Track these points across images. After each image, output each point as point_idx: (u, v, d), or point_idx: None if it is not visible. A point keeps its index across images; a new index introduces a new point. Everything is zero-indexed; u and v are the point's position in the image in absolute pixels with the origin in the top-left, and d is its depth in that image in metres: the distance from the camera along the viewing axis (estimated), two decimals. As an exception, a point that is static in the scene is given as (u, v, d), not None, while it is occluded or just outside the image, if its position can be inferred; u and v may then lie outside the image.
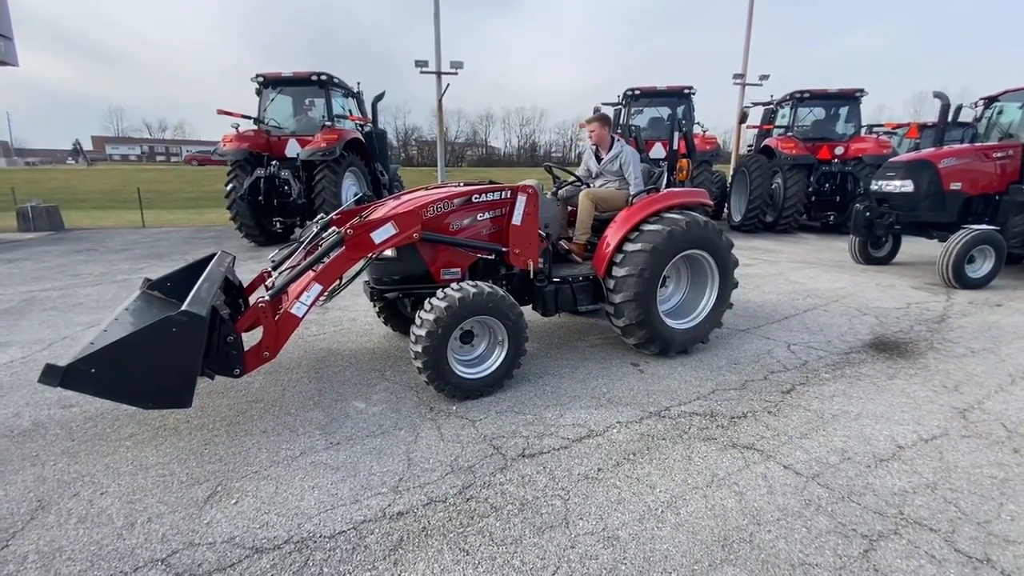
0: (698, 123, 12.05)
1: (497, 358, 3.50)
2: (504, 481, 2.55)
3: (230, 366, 2.91)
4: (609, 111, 12.82)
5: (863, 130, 12.15)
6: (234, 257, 3.92)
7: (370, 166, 10.98)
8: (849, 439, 2.96)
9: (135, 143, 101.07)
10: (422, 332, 3.18)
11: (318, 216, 3.95)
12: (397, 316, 4.52)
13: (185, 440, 2.90)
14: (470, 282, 3.37)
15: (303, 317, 3.09)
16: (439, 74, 15.36)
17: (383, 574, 1.97)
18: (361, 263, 3.45)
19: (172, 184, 30.00)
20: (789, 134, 12.13)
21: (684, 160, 5.20)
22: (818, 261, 8.67)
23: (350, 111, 11.25)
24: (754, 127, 14.05)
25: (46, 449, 2.83)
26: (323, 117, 10.42)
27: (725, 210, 13.77)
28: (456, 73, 15.35)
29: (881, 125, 12.61)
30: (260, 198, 9.56)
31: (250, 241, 10.21)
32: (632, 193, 4.40)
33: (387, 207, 3.64)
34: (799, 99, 12.25)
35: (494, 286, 3.40)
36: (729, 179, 13.94)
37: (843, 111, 12.37)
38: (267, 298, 3.01)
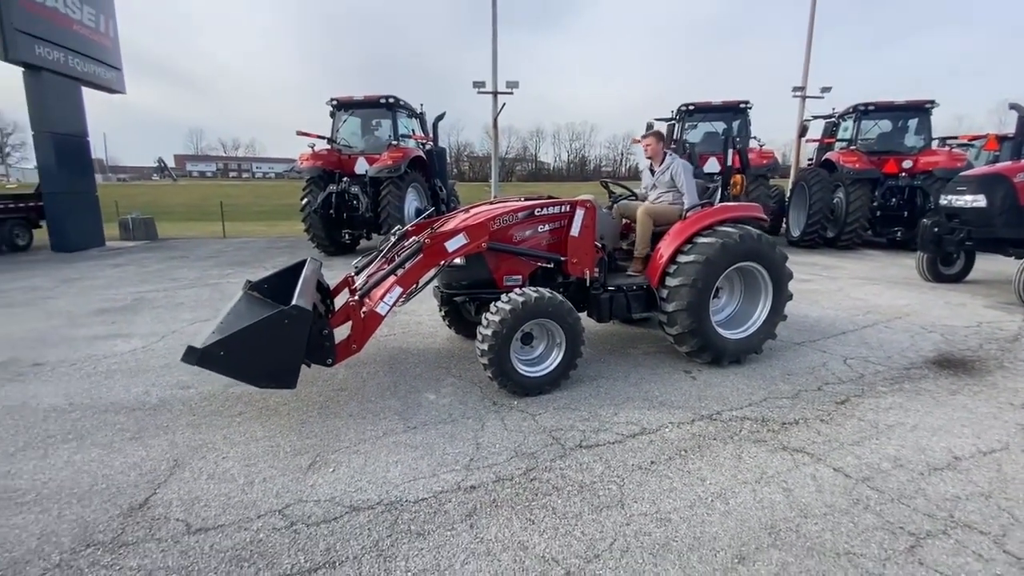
0: (754, 137, 11.94)
1: (555, 359, 3.75)
2: (564, 467, 2.81)
3: (324, 356, 3.32)
4: (662, 127, 12.93)
5: (935, 142, 11.63)
6: (321, 263, 4.42)
7: (430, 182, 11.62)
8: (903, 448, 3.02)
9: (212, 160, 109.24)
10: (488, 331, 3.49)
11: (395, 228, 4.41)
12: (460, 320, 4.89)
13: (285, 419, 3.35)
14: (532, 288, 3.66)
15: (386, 315, 3.49)
16: (495, 94, 16.00)
17: (461, 534, 2.27)
18: (435, 269, 3.81)
19: (246, 198, 32.33)
20: (852, 147, 11.79)
21: (738, 175, 5.27)
22: (882, 278, 8.39)
23: (413, 130, 11.98)
24: (814, 141, 13.71)
25: (173, 421, 3.35)
26: (389, 137, 11.17)
27: (783, 225, 13.46)
28: (512, 93, 15.94)
29: (955, 137, 12.00)
30: (331, 211, 10.36)
31: (320, 251, 11.03)
32: (685, 206, 4.55)
33: (457, 219, 4.02)
34: (863, 111, 11.90)
35: (553, 292, 3.68)
36: (787, 193, 13.64)
37: (912, 123, 11.89)
38: (356, 298, 3.44)
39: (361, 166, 10.79)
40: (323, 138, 11.13)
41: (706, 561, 2.12)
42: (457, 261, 3.82)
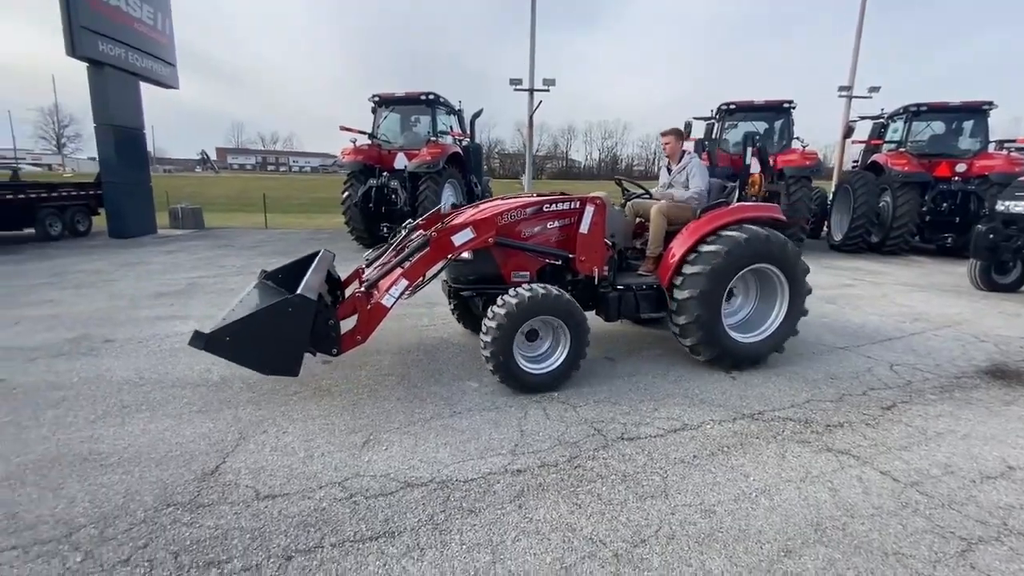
0: (797, 138, 11.65)
1: (559, 356, 3.71)
2: (607, 457, 2.88)
3: (329, 346, 3.39)
4: (701, 126, 12.75)
5: (991, 145, 11.12)
6: (334, 255, 4.57)
7: (466, 178, 11.79)
8: (954, 456, 2.97)
9: (251, 154, 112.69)
10: (492, 325, 3.48)
11: (406, 221, 4.50)
12: (468, 315, 4.93)
13: (338, 400, 3.53)
14: (538, 284, 3.64)
15: (391, 307, 3.52)
16: (531, 91, 16.07)
17: (510, 513, 2.37)
18: (441, 263, 3.77)
19: (284, 191, 33.30)
20: (901, 150, 11.38)
21: (756, 175, 5.13)
22: (930, 285, 8.11)
23: (451, 127, 12.15)
24: (860, 142, 13.27)
25: (235, 397, 3.56)
26: (428, 133, 11.37)
27: (824, 228, 13.11)
28: (548, 90, 15.98)
29: (1013, 140, 11.44)
30: (371, 205, 10.63)
31: (359, 243, 11.33)
32: (678, 196, 4.47)
33: (466, 214, 4.00)
34: (914, 112, 11.46)
35: (559, 289, 3.66)
36: (830, 196, 13.27)
37: (967, 125, 11.40)
38: (363, 290, 3.51)
39: (400, 161, 11.02)
40: (364, 133, 11.41)
41: (752, 552, 2.16)
42: (465, 255, 3.80)
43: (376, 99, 11.51)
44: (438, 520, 2.32)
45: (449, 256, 3.68)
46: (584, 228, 4.02)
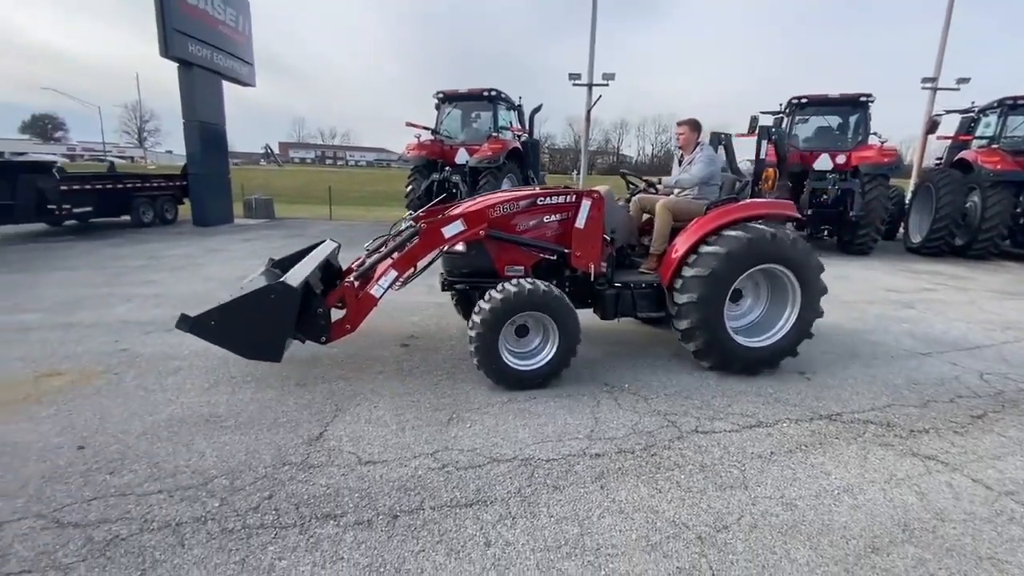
0: (875, 133, 11.03)
1: (548, 354, 3.63)
2: (682, 448, 2.95)
3: (318, 334, 3.49)
4: (769, 121, 12.29)
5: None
6: (339, 245, 4.67)
7: (524, 173, 11.93)
8: (1055, 468, 2.84)
9: (311, 148, 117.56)
10: (478, 319, 3.46)
11: (408, 212, 4.53)
12: (470, 307, 4.79)
13: (420, 380, 3.76)
14: (527, 279, 3.57)
15: (380, 298, 3.57)
16: (590, 86, 15.99)
17: (593, 493, 2.50)
18: (434, 254, 3.78)
19: (344, 184, 34.65)
20: (994, 146, 10.56)
21: (770, 169, 4.75)
22: (1023, 293, 7.54)
23: (511, 122, 12.32)
24: (946, 138, 12.40)
25: (327, 373, 3.87)
26: (489, 128, 11.59)
27: (900, 229, 12.36)
28: (607, 84, 15.84)
29: None
30: (433, 199, 10.98)
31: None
32: (669, 181, 4.38)
33: (463, 206, 3.98)
34: (1011, 106, 10.60)
35: (550, 285, 3.56)
36: (908, 195, 12.50)
37: (1072, 120, 10.42)
38: (352, 280, 3.56)
39: (462, 156, 11.30)
40: (428, 129, 11.78)
41: (837, 546, 2.19)
42: (459, 248, 3.81)
43: (440, 96, 11.84)
44: (525, 493, 2.48)
45: (440, 248, 3.69)
46: (580, 223, 3.87)
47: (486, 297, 3.52)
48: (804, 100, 11.40)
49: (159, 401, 3.36)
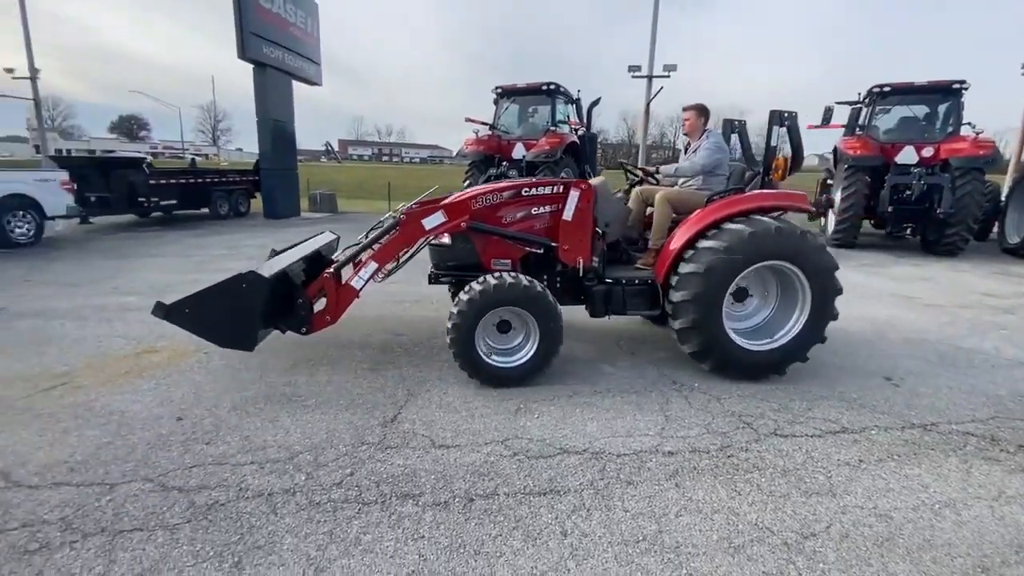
0: (968, 123, 10.11)
1: (528, 351, 3.50)
2: (761, 450, 2.83)
3: (299, 324, 3.49)
4: (845, 111, 11.54)
5: None
6: (338, 237, 4.70)
7: (581, 167, 11.77)
8: None
9: (368, 145, 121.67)
10: (455, 312, 3.37)
11: (402, 204, 4.42)
12: None
13: (485, 370, 3.80)
14: (510, 273, 3.44)
15: (361, 290, 3.52)
16: (650, 78, 15.60)
17: (668, 490, 2.44)
18: (417, 245, 3.71)
19: (400, 180, 35.57)
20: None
21: (781, 158, 4.21)
22: None
23: (568, 116, 12.21)
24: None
25: (397, 359, 3.99)
26: (547, 122, 11.54)
27: (994, 228, 11.29)
28: (668, 76, 15.40)
29: None
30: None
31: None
32: (665, 171, 4.14)
33: (451, 198, 3.83)
34: None
35: (532, 280, 3.41)
36: (1005, 191, 11.40)
37: None
38: (332, 271, 3.51)
39: (519, 151, 11.32)
40: (486, 124, 11.87)
41: (941, 563, 2.03)
42: (444, 240, 3.75)
43: (498, 90, 11.90)
44: (598, 486, 2.45)
45: (420, 240, 3.62)
46: (568, 215, 3.69)
47: (465, 290, 3.42)
48: (887, 88, 10.60)
49: (245, 379, 3.58)
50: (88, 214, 11.33)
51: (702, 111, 4.22)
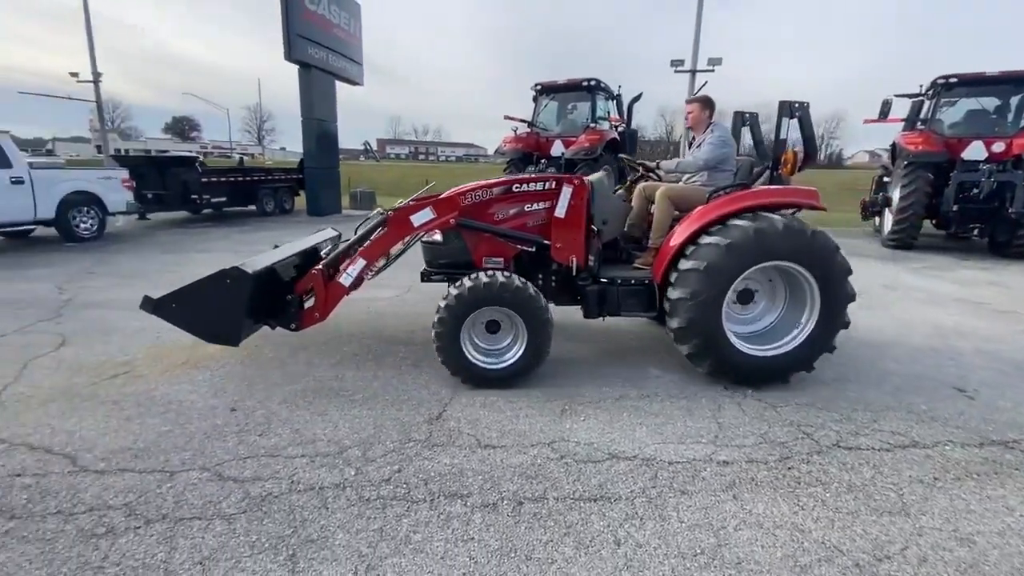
0: (1045, 117, 9.37)
1: (516, 353, 3.42)
2: (824, 463, 2.67)
3: (288, 321, 3.49)
4: (904, 104, 10.90)
5: None
6: (339, 235, 4.62)
7: (620, 163, 11.58)
8: None
9: (405, 144, 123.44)
10: (442, 307, 3.31)
11: (399, 200, 4.33)
12: None
13: (529, 370, 3.76)
14: (498, 272, 3.35)
15: (349, 287, 3.48)
16: (694, 72, 15.17)
17: (725, 502, 2.33)
18: (405, 242, 3.69)
19: (438, 178, 35.97)
20: None
21: (790, 152, 3.92)
22: None
23: (608, 112, 12.02)
24: None
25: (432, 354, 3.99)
26: (587, 119, 11.39)
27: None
28: (713, 70, 14.94)
29: None
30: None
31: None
32: (666, 166, 3.98)
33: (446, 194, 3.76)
34: None
35: (518, 279, 3.33)
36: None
37: None
38: (320, 268, 3.48)
39: (557, 148, 11.22)
40: (524, 122, 11.82)
41: (1036, 596, 1.85)
42: (436, 238, 3.71)
43: (538, 87, 11.82)
44: (651, 494, 2.36)
45: (408, 236, 3.58)
46: (560, 212, 3.57)
47: (450, 289, 3.38)
48: (953, 80, 9.93)
49: (295, 373, 3.65)
50: (145, 210, 11.92)
51: (706, 103, 4.06)
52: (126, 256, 8.10)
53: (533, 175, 3.84)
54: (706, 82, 14.64)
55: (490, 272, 3.35)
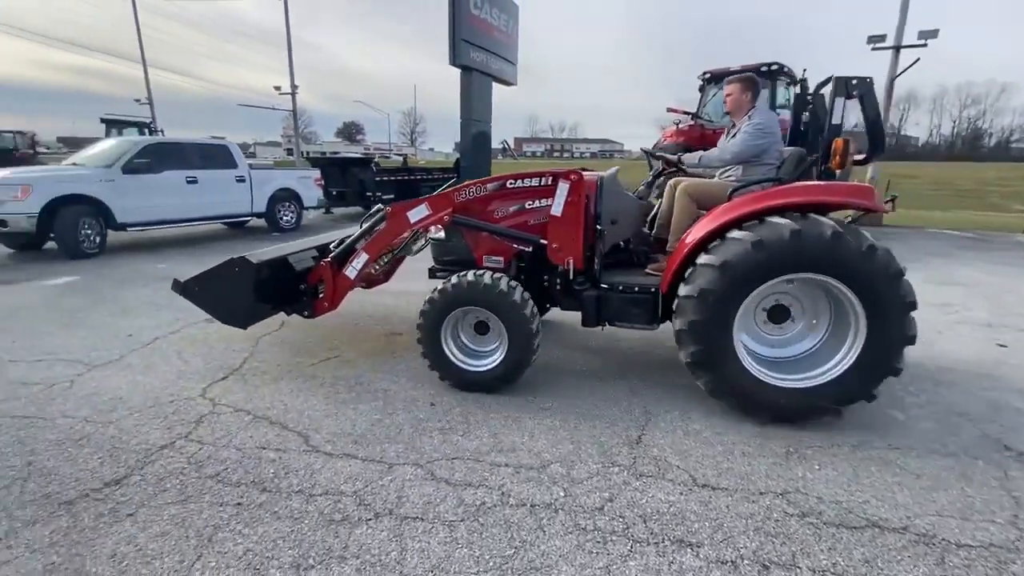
0: None
1: (497, 356, 3.29)
2: None
3: (302, 309, 3.73)
4: None
5: None
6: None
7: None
8: None
9: (541, 142, 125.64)
10: (426, 303, 3.30)
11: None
12: None
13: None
14: (492, 272, 3.27)
15: (355, 279, 3.62)
16: (898, 48, 12.74)
17: (1067, 620, 1.72)
18: (404, 237, 3.71)
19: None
20: None
21: (840, 140, 2.98)
22: None
23: (789, 100, 10.64)
24: None
25: (623, 370, 3.74)
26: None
27: None
28: (925, 44, 12.38)
29: None
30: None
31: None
32: (688, 160, 3.55)
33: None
34: None
35: (508, 282, 3.18)
36: None
37: None
38: (328, 260, 3.63)
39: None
40: (688, 113, 11.01)
41: None
42: (440, 235, 3.75)
43: (706, 75, 10.91)
44: (944, 588, 1.85)
45: (407, 232, 3.62)
46: (556, 210, 3.34)
47: (437, 285, 3.35)
48: None
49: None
50: (330, 205, 13.55)
51: (749, 84, 3.45)
52: (318, 246, 9.21)
53: (528, 171, 3.57)
54: (918, 59, 12.18)
55: (480, 272, 3.29)
